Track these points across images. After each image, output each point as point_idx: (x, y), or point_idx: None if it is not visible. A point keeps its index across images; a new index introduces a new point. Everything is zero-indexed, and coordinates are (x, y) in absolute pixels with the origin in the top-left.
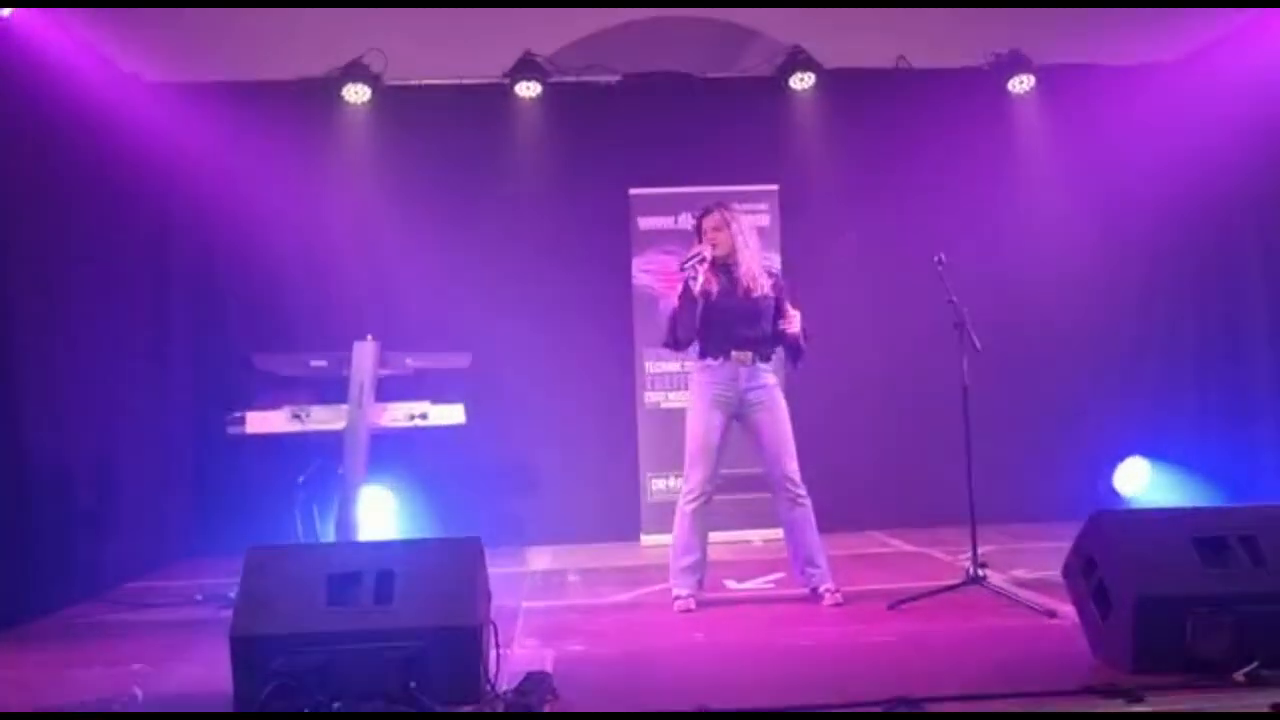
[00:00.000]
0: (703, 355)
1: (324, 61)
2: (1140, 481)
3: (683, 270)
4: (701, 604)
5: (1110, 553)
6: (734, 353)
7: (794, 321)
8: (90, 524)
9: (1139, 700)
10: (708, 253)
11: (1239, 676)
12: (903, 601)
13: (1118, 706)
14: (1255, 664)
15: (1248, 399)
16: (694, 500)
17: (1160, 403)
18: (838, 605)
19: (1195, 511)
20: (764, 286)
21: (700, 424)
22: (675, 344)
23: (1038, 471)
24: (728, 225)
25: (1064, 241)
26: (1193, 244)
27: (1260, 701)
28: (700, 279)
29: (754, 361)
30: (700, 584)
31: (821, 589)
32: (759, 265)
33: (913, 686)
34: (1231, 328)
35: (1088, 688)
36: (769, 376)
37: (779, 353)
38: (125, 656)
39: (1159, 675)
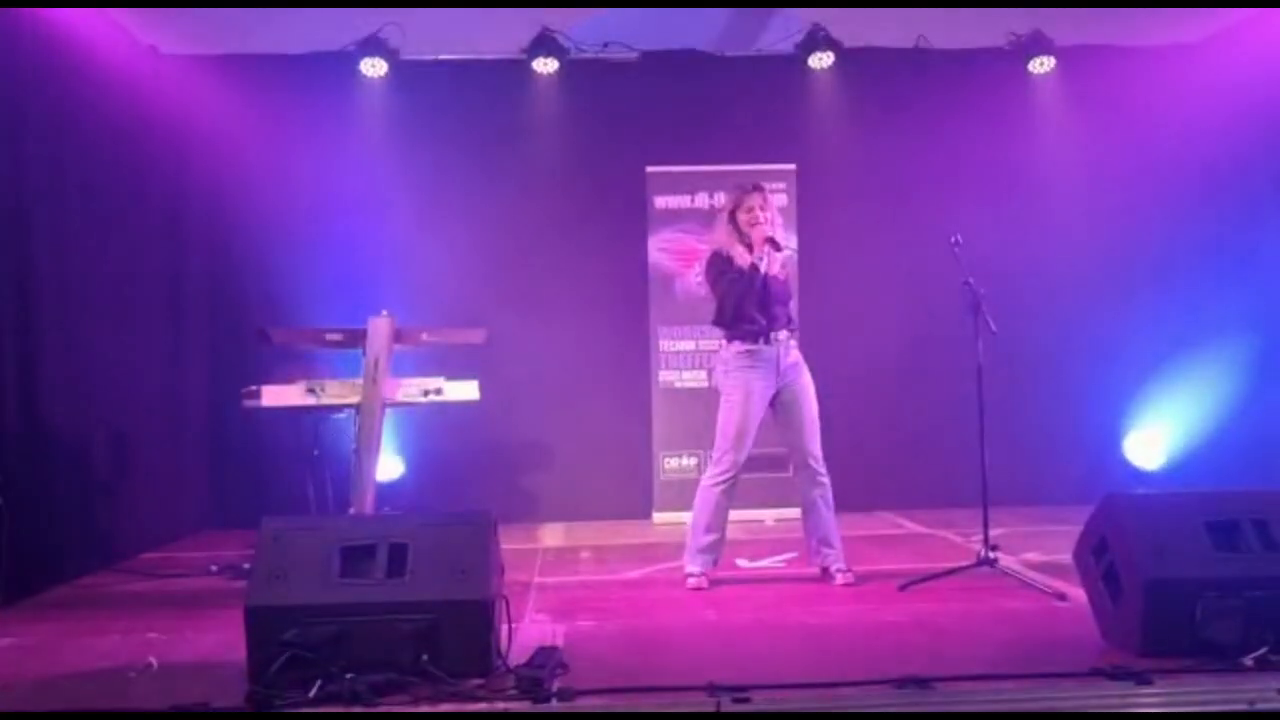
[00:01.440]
0: (740, 338)
1: (341, 35)
2: (1153, 450)
3: (758, 260)
4: (713, 582)
5: (1121, 535)
6: (773, 334)
7: None
8: (107, 495)
9: (1147, 683)
10: (780, 237)
11: (1248, 661)
12: (914, 582)
13: (1126, 689)
14: (1264, 648)
15: (1267, 382)
16: (724, 481)
17: (1178, 385)
18: (849, 585)
19: (1207, 495)
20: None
21: (742, 407)
22: (734, 322)
23: (1051, 454)
24: (769, 205)
25: (1082, 223)
26: (1212, 226)
27: (1269, 686)
28: (765, 261)
29: (788, 338)
30: (715, 563)
31: (834, 569)
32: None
33: (922, 666)
34: (1252, 310)
35: (1096, 670)
36: (797, 350)
37: None
38: (141, 625)
39: (1168, 658)
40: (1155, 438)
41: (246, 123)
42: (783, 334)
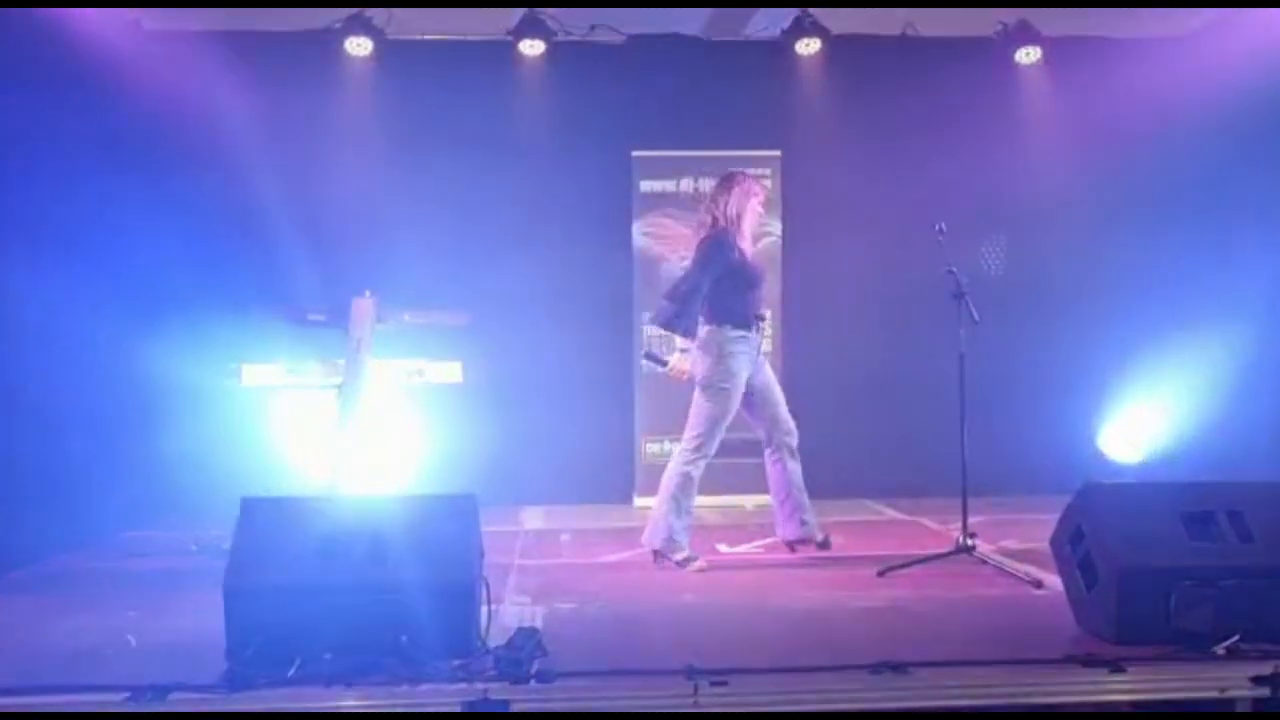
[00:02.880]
0: (732, 324)
1: (327, 13)
2: (1129, 444)
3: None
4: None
5: (1098, 524)
6: (759, 322)
7: None
8: (86, 473)
9: (1120, 671)
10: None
11: (1220, 649)
12: (892, 569)
13: (1099, 676)
14: (1235, 637)
15: (1243, 375)
16: (701, 461)
17: (1156, 376)
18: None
19: (1183, 486)
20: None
21: (737, 394)
22: (730, 308)
23: (1030, 443)
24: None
25: (1065, 213)
26: (1192, 219)
27: (1240, 674)
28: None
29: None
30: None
31: (820, 538)
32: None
33: (899, 651)
34: (1229, 303)
35: (1070, 657)
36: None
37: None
38: (119, 604)
39: (1141, 646)
40: (1131, 431)
41: (230, 100)
42: (764, 318)
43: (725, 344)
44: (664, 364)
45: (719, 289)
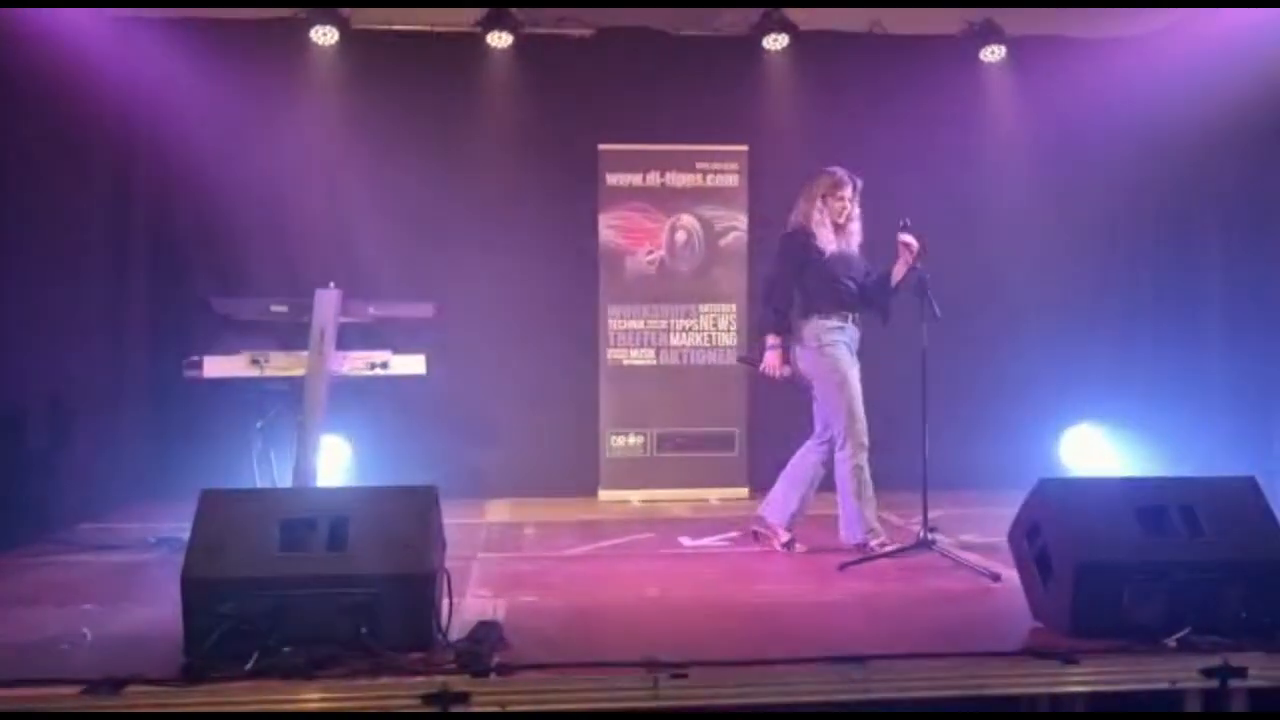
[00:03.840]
0: (826, 315)
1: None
2: (1086, 450)
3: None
4: (655, 560)
5: (1053, 519)
6: (853, 315)
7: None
8: (44, 465)
9: (1074, 662)
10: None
11: (1171, 642)
12: (853, 563)
13: (1054, 668)
14: (1187, 629)
15: (1202, 372)
16: (863, 454)
17: (1115, 374)
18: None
19: (1137, 481)
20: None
21: (853, 376)
22: (818, 302)
23: (991, 439)
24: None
25: (1026, 210)
26: (1152, 216)
27: (1190, 666)
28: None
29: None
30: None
31: (874, 543)
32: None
33: (858, 644)
34: (1188, 299)
35: (1026, 649)
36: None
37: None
38: (76, 597)
39: (1095, 639)
40: (1088, 439)
41: (193, 87)
42: (858, 315)
43: (822, 335)
44: (757, 364)
45: (806, 284)
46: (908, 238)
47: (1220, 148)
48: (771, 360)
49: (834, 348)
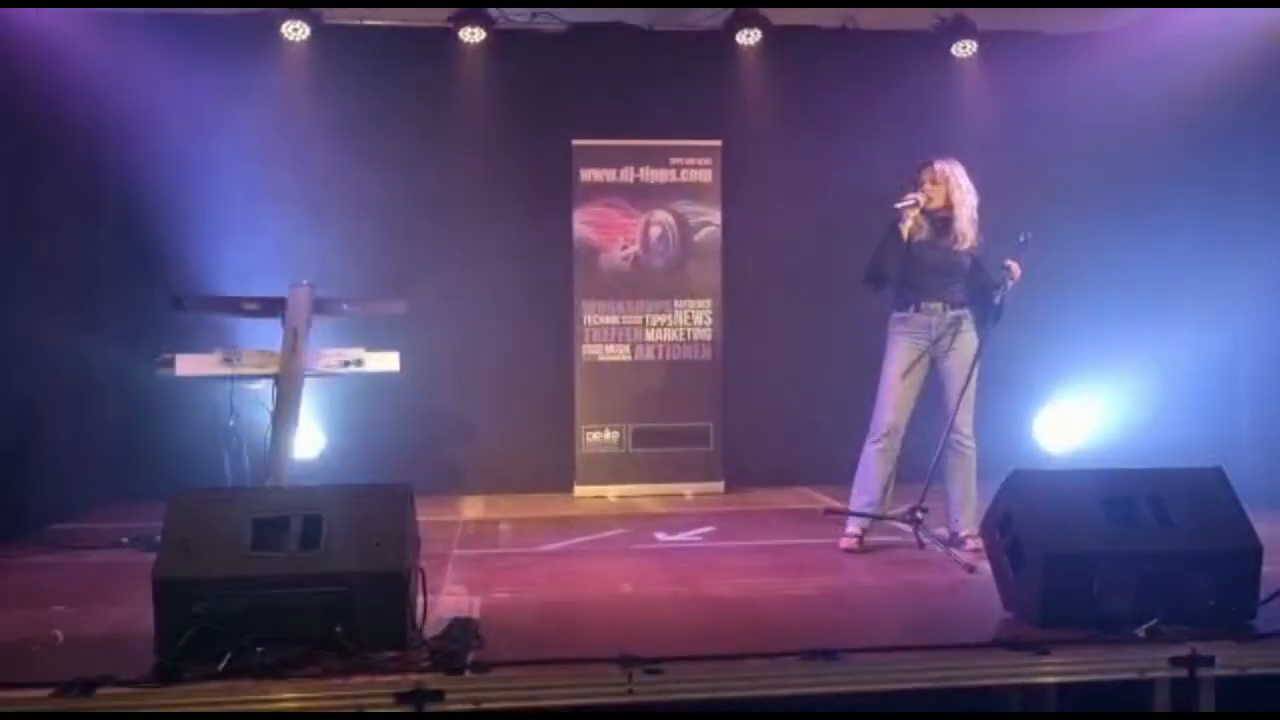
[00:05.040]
0: (895, 306)
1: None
2: (1060, 432)
3: (895, 209)
4: (630, 555)
5: (1025, 511)
6: (924, 303)
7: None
8: (15, 465)
9: (1045, 653)
10: (922, 199)
11: (1140, 632)
12: (837, 511)
13: (1025, 659)
14: (1156, 620)
15: (1173, 364)
16: (877, 440)
17: (1088, 366)
18: (978, 550)
19: (1107, 473)
20: (970, 242)
21: (891, 368)
22: (875, 280)
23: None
24: (946, 179)
25: (997, 204)
26: (1121, 210)
27: (1159, 656)
28: (909, 223)
29: (945, 311)
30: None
31: (962, 534)
32: (972, 223)
33: (831, 637)
34: (1159, 292)
35: (997, 640)
36: (964, 322)
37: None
38: (47, 598)
39: (1066, 629)
40: (1063, 422)
41: (164, 83)
42: (936, 305)
43: (890, 325)
44: None
45: (897, 274)
46: (1013, 264)
47: (1188, 139)
48: None
49: (893, 336)
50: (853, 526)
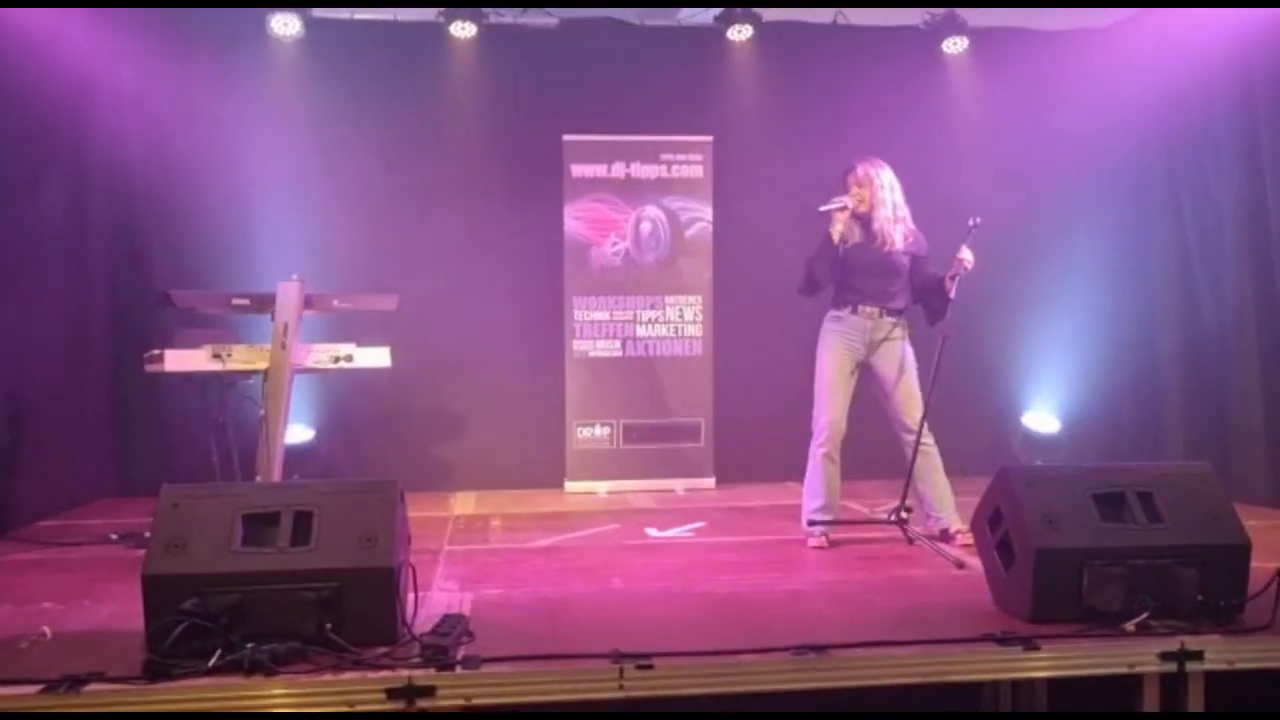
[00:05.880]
0: (833, 305)
1: None
2: (1048, 415)
3: (821, 213)
4: (621, 551)
5: (1014, 506)
6: (860, 306)
7: (957, 278)
8: (4, 461)
9: (1035, 648)
10: (850, 203)
11: (1129, 627)
12: (825, 522)
13: (1015, 654)
14: (1145, 615)
15: (1157, 362)
16: (822, 444)
17: (1074, 364)
18: (967, 546)
19: (1095, 469)
20: (898, 243)
21: (826, 370)
22: (808, 287)
23: (956, 427)
24: (871, 181)
25: (986, 201)
26: (1109, 208)
27: (1149, 650)
28: (839, 227)
29: (881, 315)
30: (830, 525)
31: (953, 530)
32: (896, 222)
33: (821, 633)
34: (1144, 288)
35: (988, 635)
36: (897, 330)
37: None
38: (36, 595)
39: (1056, 625)
40: (1051, 403)
41: (154, 78)
42: (873, 309)
43: (825, 321)
44: None
45: (831, 278)
46: (966, 255)
47: (1175, 138)
48: None
49: (826, 336)
50: (813, 529)
